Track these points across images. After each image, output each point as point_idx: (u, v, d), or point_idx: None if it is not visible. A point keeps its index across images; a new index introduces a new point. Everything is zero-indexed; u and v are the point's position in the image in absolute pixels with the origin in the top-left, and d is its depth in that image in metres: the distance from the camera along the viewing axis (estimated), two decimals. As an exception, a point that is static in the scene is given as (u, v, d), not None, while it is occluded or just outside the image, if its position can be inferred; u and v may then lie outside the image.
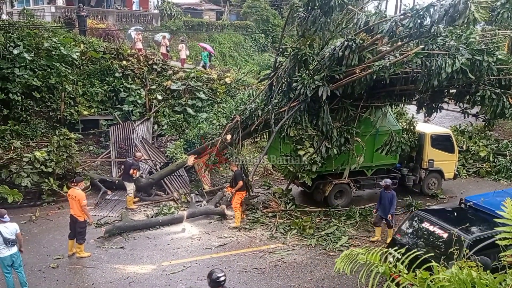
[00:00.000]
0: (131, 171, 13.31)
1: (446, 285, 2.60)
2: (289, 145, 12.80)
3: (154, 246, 11.05)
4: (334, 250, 11.10)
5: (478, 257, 6.55)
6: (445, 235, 8.25)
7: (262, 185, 16.00)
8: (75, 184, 10.28)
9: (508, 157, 17.80)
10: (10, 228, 8.45)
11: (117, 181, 14.69)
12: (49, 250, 10.69)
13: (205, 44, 25.48)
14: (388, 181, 11.51)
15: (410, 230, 9.33)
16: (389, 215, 11.15)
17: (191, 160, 14.84)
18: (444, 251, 7.82)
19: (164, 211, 13.01)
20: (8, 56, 15.46)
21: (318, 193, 14.05)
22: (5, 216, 8.48)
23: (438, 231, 8.42)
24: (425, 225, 8.80)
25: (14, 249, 8.50)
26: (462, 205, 9.84)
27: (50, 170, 13.66)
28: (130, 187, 13.43)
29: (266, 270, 9.96)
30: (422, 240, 8.89)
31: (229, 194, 13.20)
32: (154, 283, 9.32)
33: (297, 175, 12.91)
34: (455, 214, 9.40)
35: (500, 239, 3.39)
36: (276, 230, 12.16)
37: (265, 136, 14.96)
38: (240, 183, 12.32)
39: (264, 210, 13.33)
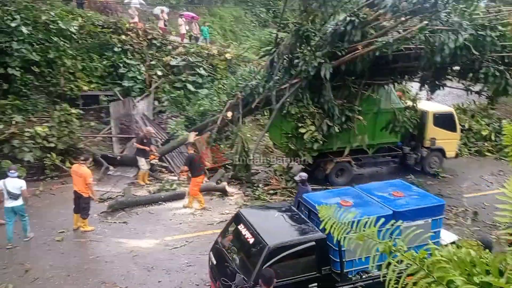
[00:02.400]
0: (150, 156, 13.52)
1: (445, 265, 2.64)
2: (290, 123, 12.77)
3: (156, 221, 11.18)
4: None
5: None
6: (252, 240, 6.96)
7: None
8: (84, 161, 10.37)
9: (509, 136, 17.78)
10: (16, 184, 9.40)
11: (119, 157, 14.73)
12: (54, 224, 10.81)
13: (187, 13, 24.86)
14: (303, 175, 10.11)
15: (230, 232, 7.94)
16: None
17: (192, 137, 14.83)
18: (251, 258, 6.87)
19: (166, 187, 13.08)
20: (5, 29, 15.24)
21: (319, 171, 14.09)
22: (12, 171, 9.53)
23: (248, 234, 7.12)
24: (241, 227, 7.44)
25: (17, 202, 9.47)
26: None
27: (52, 145, 13.68)
28: (142, 161, 13.43)
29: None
30: (237, 244, 7.53)
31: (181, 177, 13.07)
32: (157, 257, 9.47)
33: (298, 153, 12.92)
34: (276, 215, 7.82)
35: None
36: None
37: (266, 114, 14.91)
38: (185, 167, 11.70)
39: (265, 188, 13.40)
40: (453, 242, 7.31)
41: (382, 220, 3.25)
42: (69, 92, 16.96)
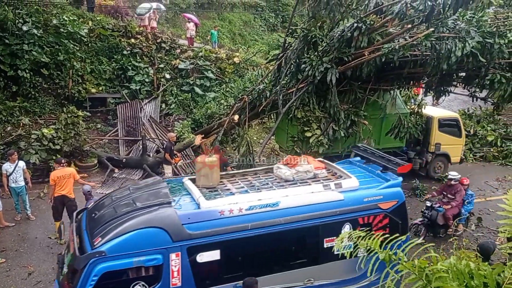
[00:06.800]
0: (174, 159, 13.45)
1: (444, 275, 2.66)
2: (296, 127, 12.81)
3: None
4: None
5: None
6: None
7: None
8: (59, 164, 10.40)
9: (516, 142, 17.67)
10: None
11: (124, 159, 14.84)
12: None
13: (190, 15, 24.89)
14: (86, 188, 9.59)
15: None
16: None
17: (198, 139, 14.91)
18: None
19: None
20: (17, 32, 15.46)
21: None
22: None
23: None
24: None
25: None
26: None
27: (58, 147, 13.82)
28: (169, 169, 13.49)
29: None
30: None
31: None
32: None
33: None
34: None
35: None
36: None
37: (272, 117, 14.95)
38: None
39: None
40: None
41: None
42: (76, 95, 17.13)
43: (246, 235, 6.17)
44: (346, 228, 6.71)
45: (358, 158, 8.61)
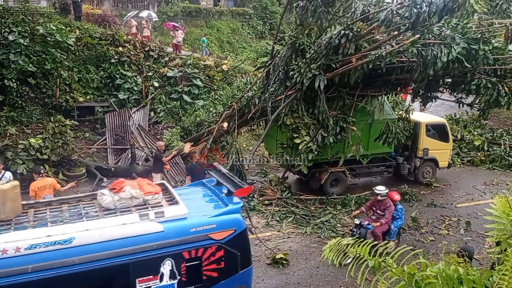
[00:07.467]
0: (166, 166, 13.32)
1: (434, 281, 2.68)
2: (286, 133, 12.86)
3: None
4: (329, 238, 11.24)
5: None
6: None
7: (259, 173, 16.05)
8: (38, 174, 10.21)
9: (502, 146, 17.91)
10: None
11: (113, 168, 14.72)
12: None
13: (173, 23, 24.92)
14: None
15: None
16: None
17: (187, 147, 14.86)
18: None
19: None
20: (3, 42, 15.33)
21: (314, 181, 14.13)
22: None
23: None
24: None
25: None
26: None
27: (45, 157, 13.66)
28: (157, 178, 13.35)
29: (262, 258, 10.09)
30: None
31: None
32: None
33: (293, 163, 12.99)
34: None
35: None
36: (272, 218, 12.28)
37: (261, 124, 14.98)
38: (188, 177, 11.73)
39: (260, 198, 13.41)
40: None
41: None
42: (64, 104, 17.00)
43: (26, 279, 5.12)
44: (167, 264, 5.89)
45: (213, 179, 7.59)
